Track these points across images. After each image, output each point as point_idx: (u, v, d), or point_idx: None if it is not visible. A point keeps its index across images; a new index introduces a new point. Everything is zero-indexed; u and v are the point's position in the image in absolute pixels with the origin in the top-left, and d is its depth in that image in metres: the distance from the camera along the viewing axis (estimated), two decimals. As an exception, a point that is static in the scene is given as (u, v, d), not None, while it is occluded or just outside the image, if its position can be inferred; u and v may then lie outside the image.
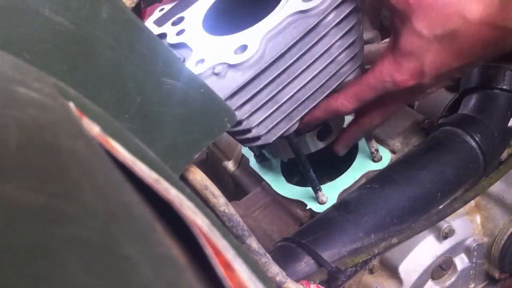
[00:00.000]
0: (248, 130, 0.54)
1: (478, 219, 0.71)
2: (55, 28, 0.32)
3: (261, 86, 0.52)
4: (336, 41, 0.55)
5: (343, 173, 0.71)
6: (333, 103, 0.58)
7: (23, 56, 0.31)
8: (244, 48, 0.52)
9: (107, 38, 0.34)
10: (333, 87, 0.58)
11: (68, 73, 0.33)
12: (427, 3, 0.49)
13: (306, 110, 0.57)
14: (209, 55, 0.54)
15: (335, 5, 0.53)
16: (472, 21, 0.48)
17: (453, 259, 0.69)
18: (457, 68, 0.52)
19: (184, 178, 0.42)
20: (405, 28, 0.52)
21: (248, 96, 0.51)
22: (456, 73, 0.54)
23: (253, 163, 0.80)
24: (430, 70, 0.52)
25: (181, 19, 0.63)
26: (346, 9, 0.54)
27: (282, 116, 0.55)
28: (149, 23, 0.65)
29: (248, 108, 0.52)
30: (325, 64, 0.55)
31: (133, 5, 0.57)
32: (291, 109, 0.55)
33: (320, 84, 0.56)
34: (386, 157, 0.72)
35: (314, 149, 0.67)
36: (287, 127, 0.57)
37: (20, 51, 0.31)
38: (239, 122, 0.53)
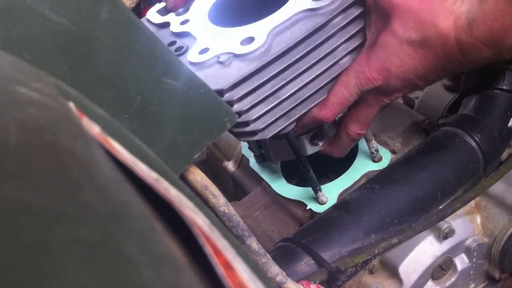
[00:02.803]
0: (246, 123, 0.54)
1: (478, 219, 0.71)
2: (55, 28, 0.32)
3: (264, 79, 0.52)
4: (342, 43, 0.55)
5: (343, 173, 0.71)
6: (313, 110, 0.58)
7: (23, 56, 0.31)
8: (251, 40, 0.52)
9: (107, 38, 0.34)
10: None
11: (68, 73, 0.33)
12: (407, 5, 0.51)
13: (305, 110, 0.57)
14: (214, 44, 0.54)
15: (344, 7, 0.53)
16: (442, 31, 0.50)
17: (453, 259, 0.69)
18: (422, 75, 0.54)
19: (184, 178, 0.42)
20: (383, 25, 0.53)
21: (250, 88, 0.51)
22: (420, 80, 0.55)
23: (253, 163, 0.80)
24: (397, 71, 0.53)
25: (185, 10, 0.63)
26: (354, 12, 0.55)
27: (281, 113, 0.55)
28: (153, 12, 0.65)
29: (249, 101, 0.52)
30: (328, 65, 0.55)
31: (133, 5, 0.57)
32: (290, 107, 0.55)
33: (321, 85, 0.56)
34: (386, 157, 0.72)
35: (310, 152, 0.67)
36: (285, 125, 0.56)
37: (20, 51, 0.31)
38: (238, 114, 0.53)
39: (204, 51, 0.54)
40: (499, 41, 0.48)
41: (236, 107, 0.51)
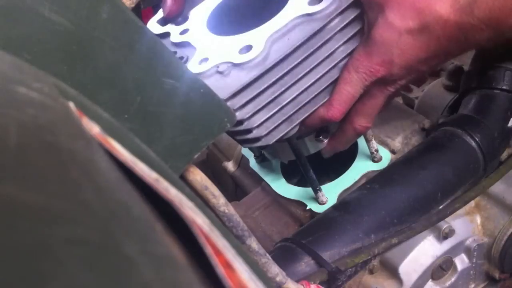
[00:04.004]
0: (249, 131, 0.54)
1: (478, 219, 0.71)
2: (55, 28, 0.32)
3: (264, 87, 0.52)
4: (340, 46, 0.55)
5: (343, 173, 0.71)
6: (320, 111, 0.58)
7: (23, 56, 0.31)
8: (249, 48, 0.52)
9: (107, 38, 0.34)
10: None
11: (68, 73, 0.33)
12: None
13: (307, 114, 0.57)
14: (213, 54, 0.54)
15: (340, 10, 0.53)
16: (441, 15, 0.50)
17: (453, 259, 0.69)
18: (424, 60, 0.54)
19: (184, 179, 0.42)
20: (378, 19, 0.53)
21: (251, 96, 0.51)
22: (423, 65, 0.55)
23: (253, 163, 0.80)
24: (399, 60, 0.54)
25: (185, 19, 0.63)
26: (351, 15, 0.54)
27: (283, 119, 0.55)
28: (153, 22, 0.65)
29: (250, 108, 0.52)
30: (327, 69, 0.55)
31: (133, 5, 0.57)
32: (292, 112, 0.55)
33: (322, 88, 0.56)
34: (386, 157, 0.72)
35: (313, 151, 0.67)
36: (288, 130, 0.56)
37: (20, 51, 0.31)
38: (240, 122, 0.53)
39: (203, 61, 0.54)
40: (501, 21, 0.48)
41: (238, 115, 0.52)
